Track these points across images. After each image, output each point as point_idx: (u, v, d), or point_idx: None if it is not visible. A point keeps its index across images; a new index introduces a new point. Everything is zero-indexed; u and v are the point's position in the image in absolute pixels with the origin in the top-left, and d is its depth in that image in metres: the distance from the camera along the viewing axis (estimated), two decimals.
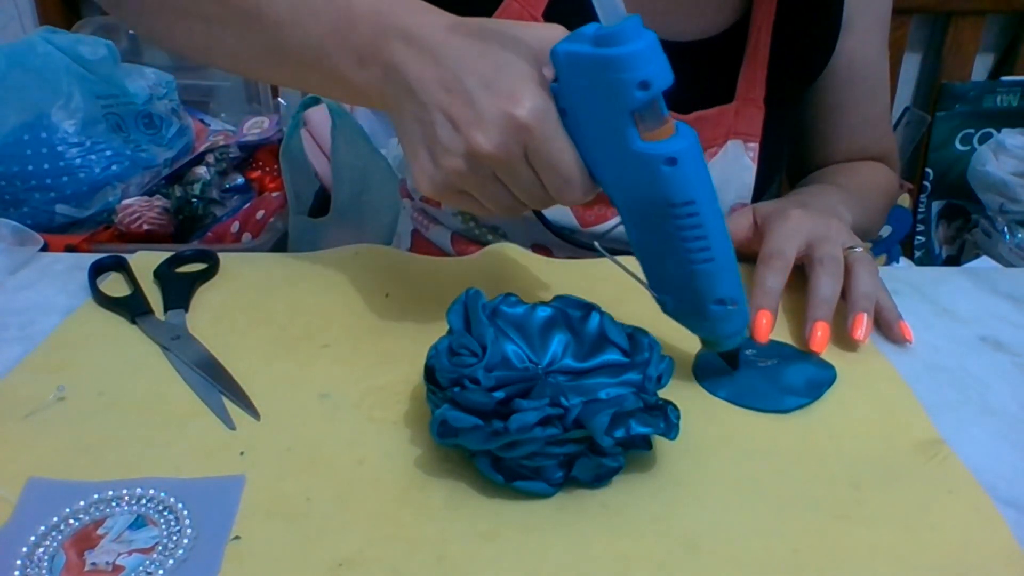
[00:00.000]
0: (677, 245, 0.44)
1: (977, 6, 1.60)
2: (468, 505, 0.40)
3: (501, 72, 0.43)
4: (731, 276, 0.46)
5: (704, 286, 0.45)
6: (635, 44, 0.39)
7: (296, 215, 1.22)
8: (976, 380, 0.52)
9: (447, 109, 0.43)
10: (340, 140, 1.20)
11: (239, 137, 1.34)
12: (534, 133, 0.42)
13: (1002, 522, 0.40)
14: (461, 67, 0.43)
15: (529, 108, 0.42)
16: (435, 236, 0.78)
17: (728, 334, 0.48)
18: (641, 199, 0.44)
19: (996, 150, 1.58)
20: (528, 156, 0.44)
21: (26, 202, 1.17)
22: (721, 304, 0.46)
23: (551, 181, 0.44)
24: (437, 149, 0.44)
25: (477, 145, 0.43)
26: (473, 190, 0.46)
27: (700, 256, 0.44)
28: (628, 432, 0.39)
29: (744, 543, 0.39)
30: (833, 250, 0.56)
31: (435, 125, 0.44)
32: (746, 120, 0.70)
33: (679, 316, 0.49)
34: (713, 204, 0.44)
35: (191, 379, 0.49)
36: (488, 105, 0.42)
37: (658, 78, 0.40)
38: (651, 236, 0.45)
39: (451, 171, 0.44)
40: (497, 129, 0.42)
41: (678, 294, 0.47)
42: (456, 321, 0.45)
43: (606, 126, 0.42)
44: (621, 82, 0.40)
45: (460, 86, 0.43)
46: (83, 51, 1.19)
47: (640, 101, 0.40)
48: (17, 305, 0.58)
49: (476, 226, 0.75)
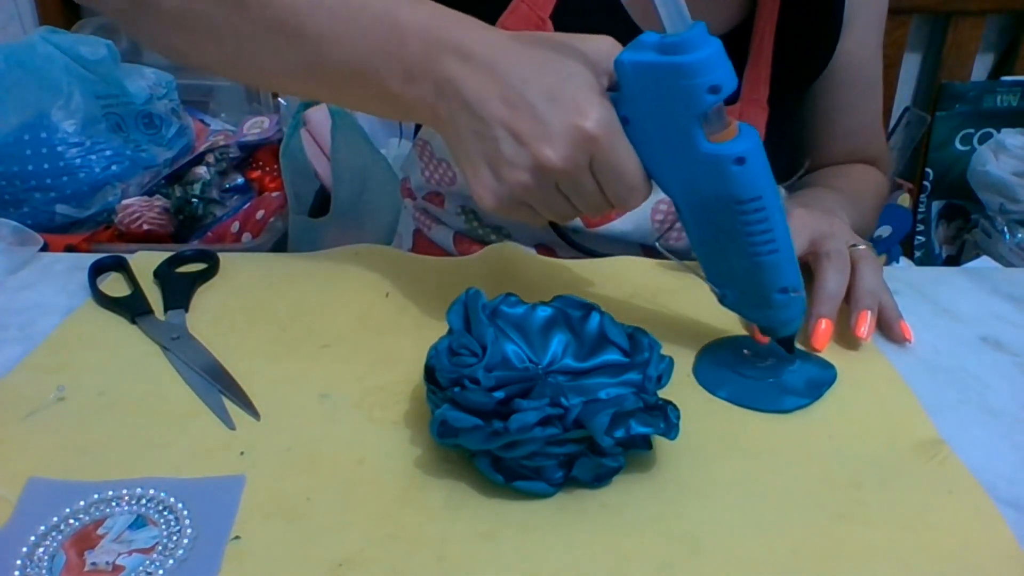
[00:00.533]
0: (743, 240, 0.46)
1: (977, 6, 1.60)
2: (468, 505, 0.40)
3: (564, 84, 0.43)
4: (793, 265, 0.48)
5: (769, 277, 0.47)
6: (704, 51, 0.41)
7: (296, 215, 1.22)
8: (976, 380, 0.52)
9: (510, 124, 0.43)
10: (340, 140, 1.20)
11: (239, 137, 1.34)
12: (601, 144, 0.43)
13: (1002, 522, 0.40)
14: (521, 81, 0.43)
15: (596, 119, 0.43)
16: (437, 236, 0.78)
17: (789, 319, 0.50)
18: (707, 199, 0.45)
19: (996, 150, 1.58)
20: (593, 166, 0.44)
21: (26, 202, 1.17)
22: (784, 293, 0.48)
23: (615, 190, 0.45)
24: (500, 164, 0.44)
25: (546, 159, 0.43)
26: (534, 202, 0.46)
27: (766, 248, 0.46)
28: (628, 432, 0.39)
29: (744, 543, 0.39)
30: (840, 245, 0.56)
31: (498, 140, 0.44)
32: (750, 121, 0.70)
33: (740, 307, 0.51)
34: (776, 198, 0.45)
35: (191, 379, 0.49)
36: (554, 118, 0.43)
37: (727, 82, 0.42)
38: (716, 233, 0.47)
39: (516, 185, 0.44)
40: (565, 142, 0.43)
41: (741, 287, 0.49)
42: (456, 321, 0.45)
43: (673, 131, 0.43)
44: (692, 88, 0.41)
45: (522, 100, 0.43)
46: (83, 51, 1.19)
47: (710, 105, 0.42)
48: (17, 305, 0.58)
49: (479, 226, 0.75)
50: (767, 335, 0.52)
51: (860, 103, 0.80)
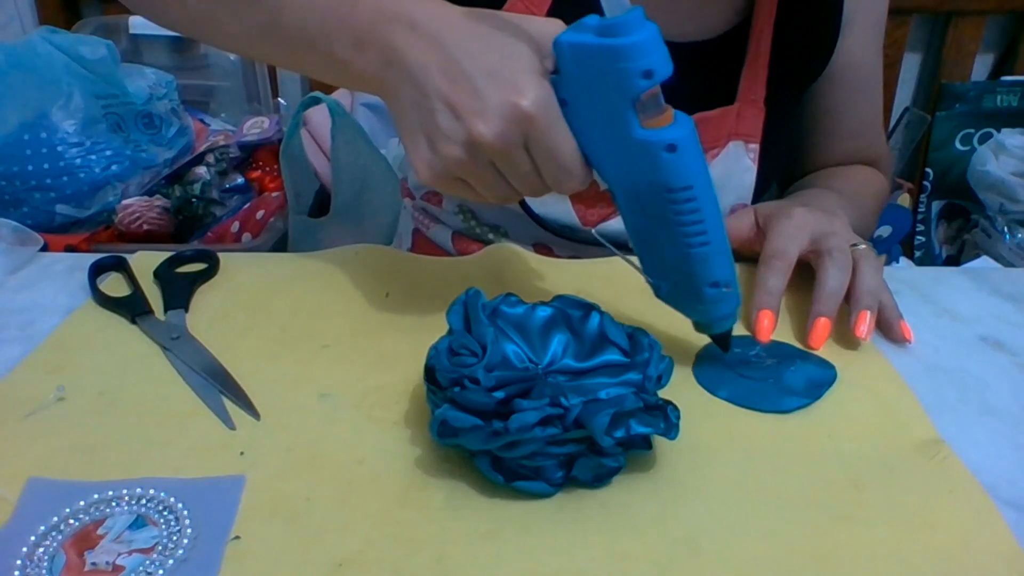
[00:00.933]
0: (674, 230, 0.45)
1: (977, 6, 1.60)
2: (468, 505, 0.40)
3: (505, 62, 0.43)
4: (725, 259, 0.47)
5: (700, 269, 0.47)
6: (639, 34, 0.41)
7: (296, 215, 1.22)
8: (976, 380, 0.52)
9: (448, 97, 0.43)
10: (340, 140, 1.20)
11: (239, 137, 1.34)
12: (537, 123, 0.43)
13: (1002, 522, 0.40)
14: (464, 55, 0.43)
15: (533, 98, 0.42)
16: (436, 235, 0.78)
17: (722, 316, 0.49)
18: (640, 185, 0.45)
19: (996, 150, 1.58)
20: (528, 146, 0.44)
21: (26, 202, 1.17)
22: (716, 287, 0.47)
23: (550, 171, 0.45)
24: (437, 136, 0.44)
25: (479, 134, 0.43)
26: (470, 178, 0.46)
27: (697, 240, 0.45)
28: (628, 432, 0.39)
29: (744, 543, 0.39)
30: (841, 244, 0.56)
31: (435, 112, 0.44)
32: (747, 121, 0.70)
33: (673, 300, 0.50)
34: (709, 190, 0.45)
35: (191, 379, 0.49)
36: (491, 94, 0.42)
37: (660, 67, 0.41)
38: (648, 222, 0.46)
39: (450, 159, 0.44)
40: (500, 119, 0.43)
41: (673, 278, 0.48)
42: (456, 321, 0.45)
43: (607, 115, 0.43)
44: (625, 71, 0.41)
45: (463, 74, 0.43)
46: (83, 51, 1.19)
47: (643, 89, 0.42)
48: (17, 305, 0.58)
49: (477, 224, 0.75)
50: (701, 331, 0.51)
51: (860, 103, 0.80)
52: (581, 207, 0.70)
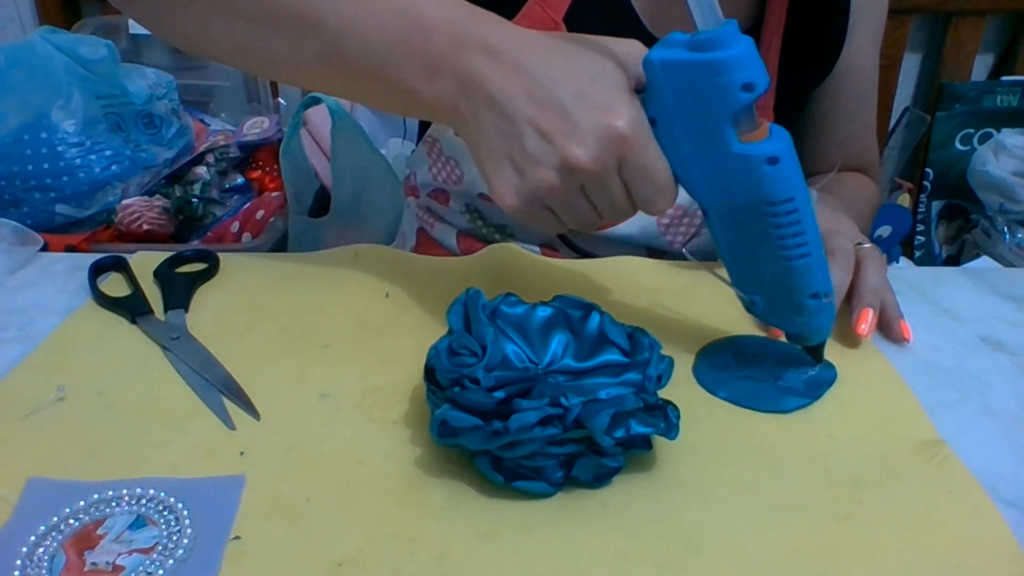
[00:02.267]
0: (774, 243, 0.45)
1: (977, 6, 1.60)
2: (468, 505, 0.40)
3: (594, 83, 0.42)
4: (824, 269, 0.47)
5: (801, 282, 0.46)
6: (737, 47, 0.40)
7: (296, 215, 1.22)
8: (976, 380, 0.52)
9: (537, 121, 0.42)
10: (340, 140, 1.20)
11: (239, 137, 1.34)
12: (632, 144, 0.42)
13: (1002, 522, 0.40)
14: (550, 79, 0.42)
15: (627, 119, 0.42)
16: (440, 234, 0.78)
17: (820, 326, 0.49)
18: (737, 201, 0.44)
19: (996, 150, 1.58)
20: (621, 168, 0.43)
21: (26, 202, 1.17)
22: (816, 298, 0.47)
23: (643, 193, 0.44)
24: (526, 162, 0.43)
25: (574, 157, 0.42)
26: (558, 204, 0.45)
27: (798, 252, 0.45)
28: (628, 432, 0.39)
29: (744, 543, 0.39)
30: (845, 243, 0.56)
31: (523, 138, 0.43)
32: None
33: (769, 315, 0.50)
34: (808, 200, 0.45)
35: (191, 379, 0.49)
36: (583, 117, 0.42)
37: (760, 80, 0.41)
38: (745, 238, 0.46)
39: (541, 184, 0.43)
40: (595, 141, 0.42)
41: (771, 293, 0.48)
42: (456, 321, 0.45)
43: (703, 131, 0.43)
44: (725, 85, 0.41)
45: (551, 98, 0.42)
46: (83, 51, 1.19)
47: (744, 103, 0.41)
48: (17, 305, 0.58)
49: (483, 224, 0.75)
50: (796, 342, 0.51)
51: (856, 109, 0.80)
52: None
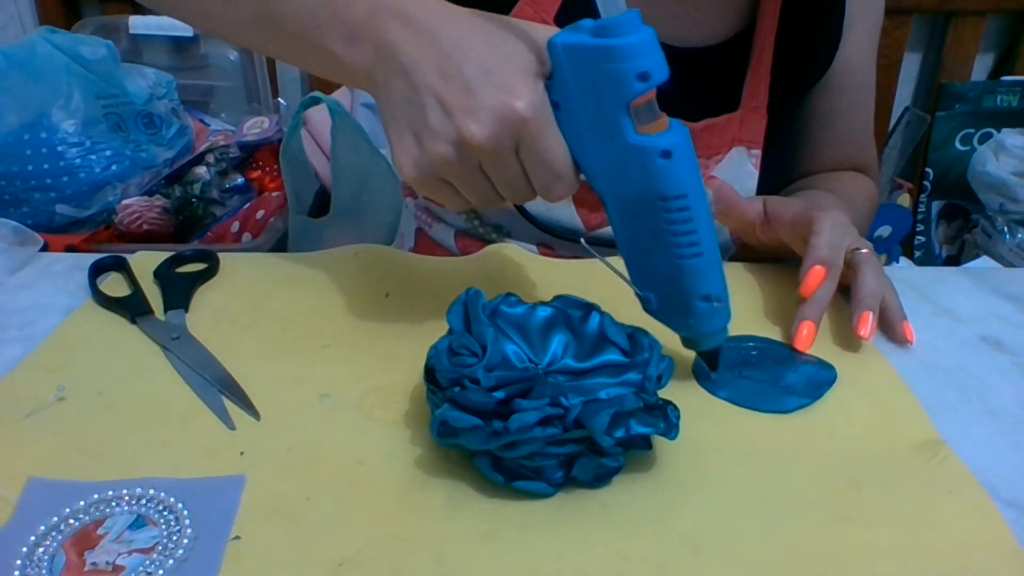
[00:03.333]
0: (667, 240, 0.45)
1: (977, 6, 1.60)
2: (468, 505, 0.40)
3: (501, 62, 0.42)
4: (717, 273, 0.46)
5: (691, 282, 0.46)
6: (636, 35, 0.40)
7: (296, 215, 1.22)
8: (976, 380, 0.52)
9: (441, 94, 0.42)
10: (340, 140, 1.20)
11: (239, 137, 1.34)
12: (529, 127, 0.42)
13: (1002, 522, 0.40)
14: (460, 53, 0.42)
15: (528, 101, 0.42)
16: (438, 234, 0.78)
17: (711, 331, 0.48)
18: (632, 193, 0.44)
19: (996, 150, 1.58)
20: (519, 150, 0.43)
21: (26, 202, 1.17)
22: (707, 301, 0.46)
23: (540, 177, 0.44)
24: (425, 133, 0.43)
25: (469, 134, 0.42)
26: (455, 179, 0.45)
27: (689, 251, 0.45)
28: (628, 432, 0.39)
29: (744, 543, 0.39)
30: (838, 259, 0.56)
31: (426, 108, 0.43)
32: (750, 127, 0.70)
33: (662, 314, 0.49)
34: (703, 199, 0.44)
35: (191, 379, 0.49)
36: (486, 94, 0.42)
37: (657, 70, 0.41)
38: (639, 232, 0.46)
39: (437, 157, 0.43)
40: (492, 119, 0.42)
41: (664, 291, 0.47)
42: (456, 321, 0.45)
43: (601, 119, 0.43)
44: (621, 72, 0.41)
45: (458, 72, 0.42)
46: (83, 51, 1.19)
47: (638, 92, 0.41)
48: (17, 305, 0.58)
49: (480, 224, 0.75)
50: (689, 347, 0.50)
51: (854, 109, 0.80)
52: (584, 211, 0.70)
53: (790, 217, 0.59)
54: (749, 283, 0.62)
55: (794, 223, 0.59)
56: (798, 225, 0.58)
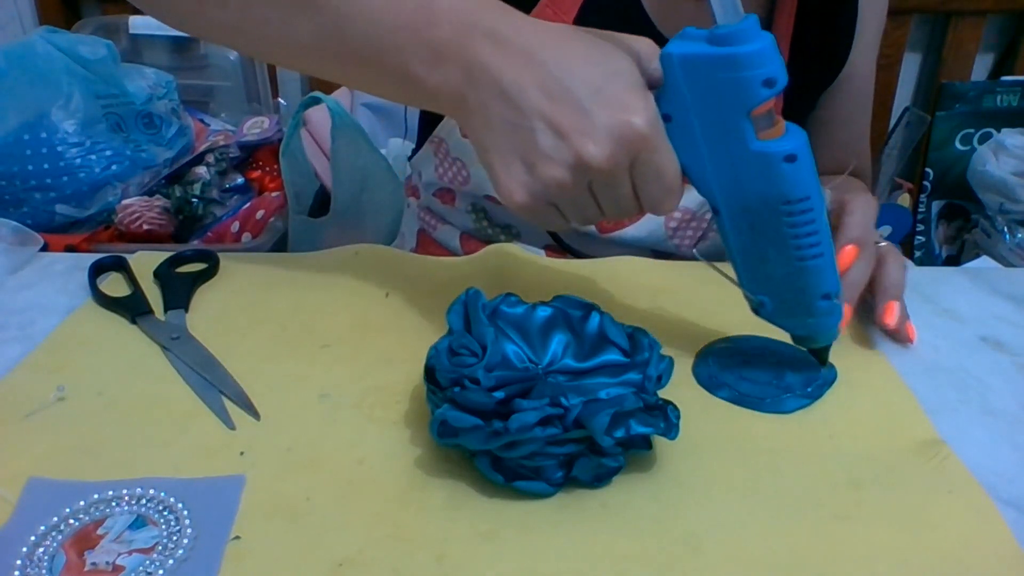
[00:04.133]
0: (788, 243, 0.45)
1: (977, 6, 1.60)
2: (468, 505, 0.40)
3: (609, 79, 0.41)
4: (834, 270, 0.47)
5: (814, 282, 0.46)
6: (758, 42, 0.40)
7: (296, 215, 1.22)
8: (976, 380, 0.52)
9: (550, 115, 0.41)
10: (340, 140, 1.20)
11: (239, 137, 1.34)
12: (648, 143, 0.41)
13: (1002, 522, 0.40)
14: (565, 72, 0.41)
15: (644, 118, 0.40)
16: (443, 236, 0.78)
17: (830, 328, 0.49)
18: (752, 200, 0.44)
19: (996, 150, 1.58)
20: (632, 167, 0.42)
21: (26, 202, 1.17)
22: (828, 299, 0.47)
23: (652, 192, 0.43)
24: (537, 158, 0.41)
25: (589, 155, 0.40)
26: (566, 202, 0.43)
27: (811, 252, 0.45)
28: (628, 432, 0.39)
29: (744, 543, 0.39)
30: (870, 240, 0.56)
31: (535, 132, 0.41)
32: None
33: (778, 316, 0.49)
34: (822, 200, 0.44)
35: (191, 379, 0.49)
36: (600, 114, 0.40)
37: (781, 76, 0.41)
38: (757, 238, 0.45)
39: (552, 182, 0.42)
40: (610, 139, 0.40)
41: (781, 294, 0.47)
42: (456, 321, 0.45)
43: (720, 128, 0.42)
44: (746, 80, 0.40)
45: (565, 91, 0.40)
46: (83, 51, 1.19)
47: (764, 98, 0.41)
48: (17, 305, 0.58)
49: (489, 225, 0.74)
50: (802, 344, 0.50)
51: (856, 116, 0.80)
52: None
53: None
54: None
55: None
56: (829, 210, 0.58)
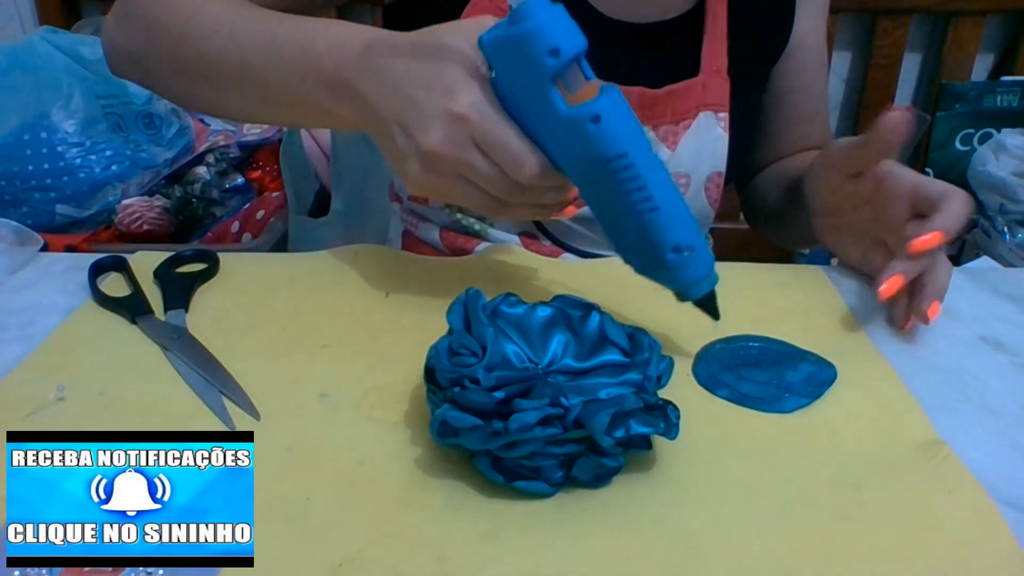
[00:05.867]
0: (622, 200, 0.46)
1: (977, 6, 1.60)
2: (468, 505, 0.40)
3: (439, 72, 0.46)
4: (680, 223, 0.47)
5: (657, 236, 0.47)
6: (539, 16, 0.42)
7: (296, 215, 1.22)
8: (976, 380, 0.52)
9: (399, 117, 0.47)
10: (340, 140, 1.20)
11: (239, 137, 1.34)
12: (474, 123, 0.45)
13: (1002, 522, 0.40)
14: (405, 75, 0.47)
15: (465, 101, 0.45)
16: (424, 233, 0.79)
17: (693, 281, 0.49)
18: (581, 162, 0.46)
19: (996, 150, 1.58)
20: (478, 146, 0.46)
21: (26, 202, 1.17)
22: (677, 252, 0.47)
23: (504, 163, 0.46)
24: (398, 156, 0.48)
25: (426, 144, 0.46)
26: (441, 188, 0.48)
27: (645, 207, 0.46)
28: (628, 432, 0.39)
29: (744, 543, 0.39)
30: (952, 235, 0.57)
31: (394, 136, 0.47)
32: (714, 92, 0.72)
33: (646, 272, 0.50)
34: (647, 154, 0.45)
35: (191, 379, 0.49)
36: (430, 105, 0.45)
37: (567, 43, 0.43)
38: (601, 198, 0.48)
39: (413, 173, 0.48)
40: (438, 126, 0.45)
41: (638, 251, 0.49)
42: (456, 321, 0.45)
43: (536, 99, 0.45)
44: (534, 54, 0.43)
45: (404, 93, 0.47)
46: (83, 51, 1.19)
47: (553, 67, 0.43)
48: (17, 305, 0.58)
49: (463, 216, 0.75)
50: (681, 299, 0.51)
51: (812, 86, 0.82)
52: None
53: (910, 182, 0.58)
54: (749, 283, 0.62)
55: (915, 190, 0.58)
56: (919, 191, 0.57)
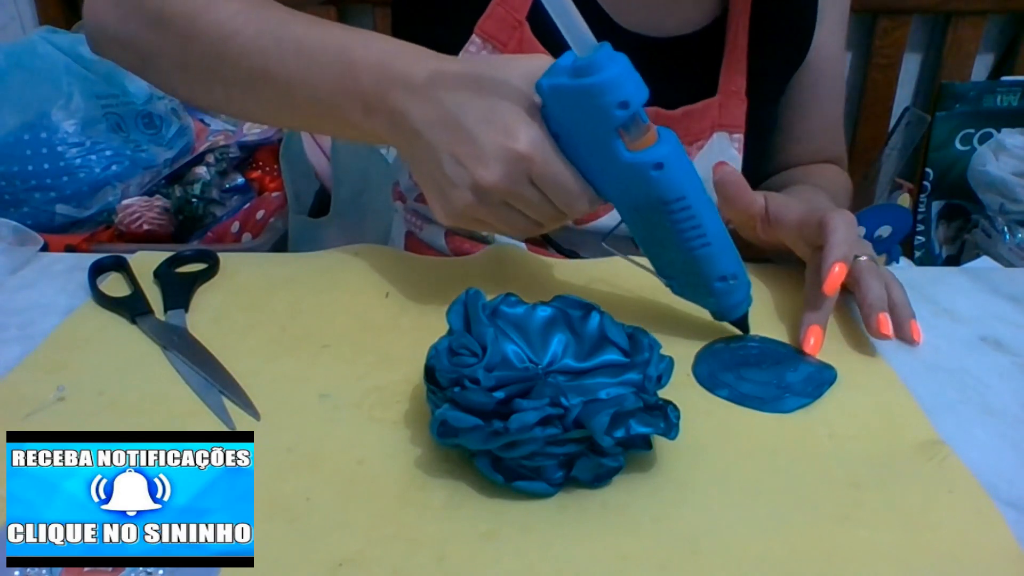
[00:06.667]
0: (676, 237, 0.49)
1: (977, 6, 1.60)
2: (468, 505, 0.40)
3: (496, 107, 0.47)
4: (729, 255, 0.51)
5: (706, 268, 0.50)
6: (610, 70, 0.44)
7: (296, 215, 1.22)
8: (976, 380, 0.52)
9: (451, 147, 0.48)
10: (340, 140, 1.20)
11: (239, 137, 1.34)
12: (534, 161, 0.47)
13: (1002, 522, 0.40)
14: (458, 107, 0.47)
15: (526, 140, 0.46)
16: (428, 235, 0.79)
17: (734, 304, 0.53)
18: (638, 201, 0.49)
19: (996, 150, 1.57)
20: (534, 181, 0.48)
21: (26, 202, 1.17)
22: (724, 281, 0.51)
23: (559, 200, 0.49)
24: (446, 185, 0.49)
25: (482, 179, 0.47)
26: (486, 218, 0.50)
27: (698, 243, 0.49)
28: (628, 432, 0.39)
29: (744, 543, 0.39)
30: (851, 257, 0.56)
31: (442, 163, 0.48)
32: (730, 112, 0.71)
33: (686, 294, 0.54)
34: (702, 195, 0.48)
35: (191, 379, 0.49)
36: (488, 140, 0.47)
37: (635, 96, 0.44)
38: (652, 231, 0.50)
39: (460, 202, 0.49)
40: (498, 162, 0.47)
41: (684, 277, 0.53)
42: (456, 321, 0.45)
43: (595, 144, 0.47)
44: (603, 106, 0.44)
45: (460, 125, 0.47)
46: (83, 51, 1.19)
47: (621, 119, 0.45)
48: (17, 305, 0.58)
49: None
50: (720, 319, 0.54)
51: (828, 99, 0.81)
52: None
53: (796, 219, 0.59)
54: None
55: (801, 225, 0.58)
56: (805, 227, 0.58)
